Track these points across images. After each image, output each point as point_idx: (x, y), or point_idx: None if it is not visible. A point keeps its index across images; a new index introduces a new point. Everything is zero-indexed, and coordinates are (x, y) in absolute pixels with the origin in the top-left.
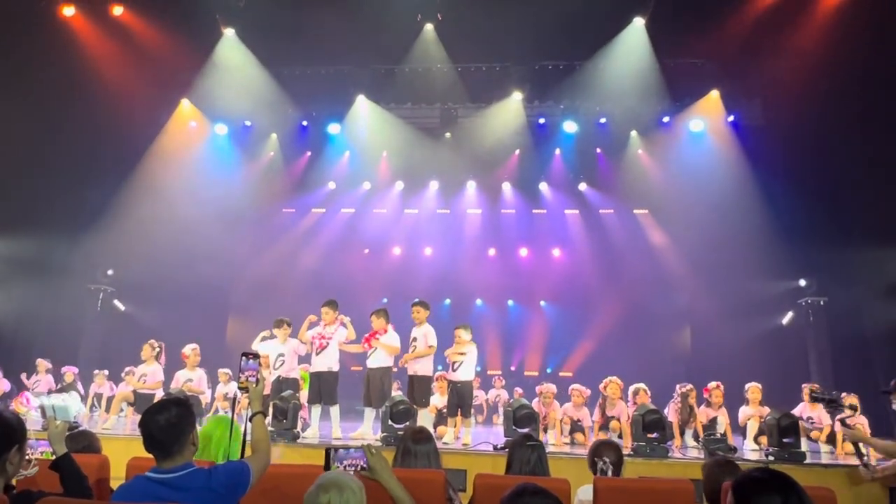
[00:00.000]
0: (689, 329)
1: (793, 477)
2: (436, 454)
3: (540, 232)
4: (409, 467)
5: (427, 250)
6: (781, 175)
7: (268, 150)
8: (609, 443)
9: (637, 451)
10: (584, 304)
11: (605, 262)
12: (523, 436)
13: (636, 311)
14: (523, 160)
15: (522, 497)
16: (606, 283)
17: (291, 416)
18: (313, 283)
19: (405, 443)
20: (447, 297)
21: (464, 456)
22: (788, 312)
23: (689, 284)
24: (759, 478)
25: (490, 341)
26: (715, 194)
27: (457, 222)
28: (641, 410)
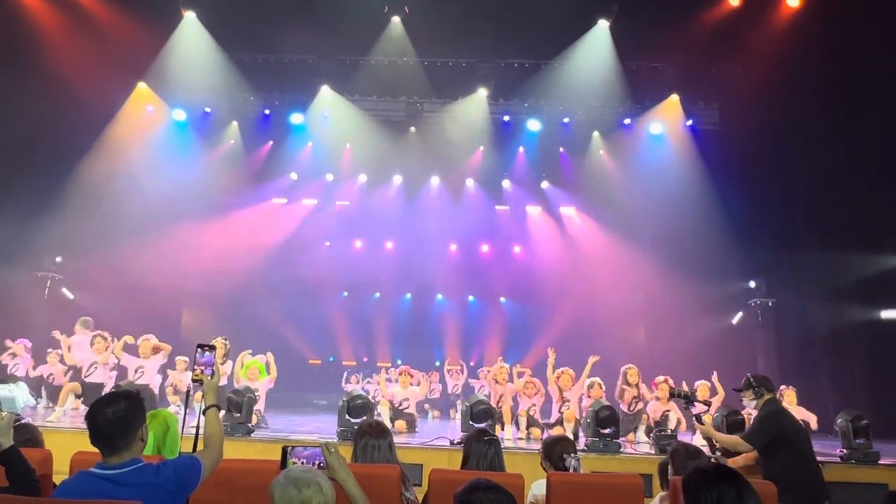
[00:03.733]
0: (643, 327)
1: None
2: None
3: (501, 228)
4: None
5: (389, 244)
6: (735, 179)
7: (228, 138)
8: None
9: (590, 446)
10: (542, 302)
11: (565, 261)
12: (479, 431)
13: (593, 308)
14: (487, 157)
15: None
16: (565, 281)
17: (246, 410)
18: (272, 274)
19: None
20: (408, 291)
21: (420, 451)
22: (738, 312)
23: (644, 284)
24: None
25: (450, 336)
26: (672, 196)
27: (419, 217)
28: (595, 406)
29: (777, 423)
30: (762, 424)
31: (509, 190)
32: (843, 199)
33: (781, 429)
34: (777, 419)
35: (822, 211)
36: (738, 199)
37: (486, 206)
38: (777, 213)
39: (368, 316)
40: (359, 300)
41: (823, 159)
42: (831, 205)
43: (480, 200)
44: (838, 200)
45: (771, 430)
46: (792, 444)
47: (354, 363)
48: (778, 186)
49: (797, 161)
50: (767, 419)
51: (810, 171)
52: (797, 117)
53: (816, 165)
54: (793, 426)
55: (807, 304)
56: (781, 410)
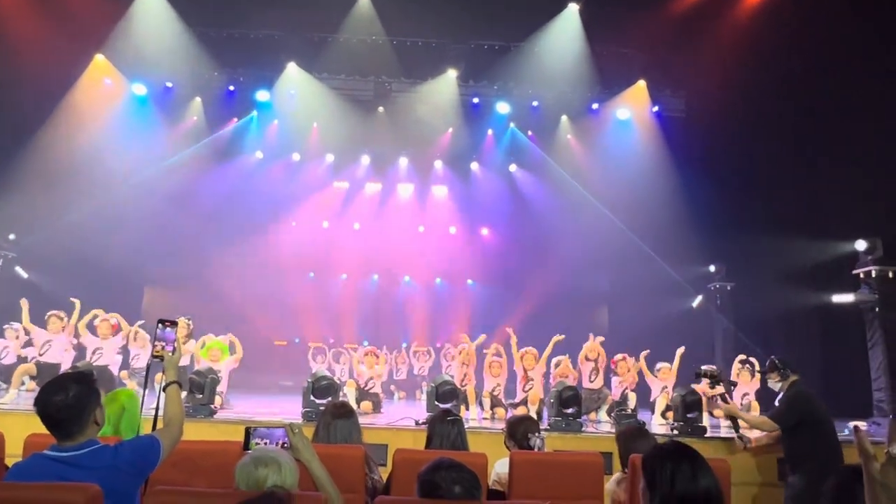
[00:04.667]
0: (606, 309)
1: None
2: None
3: (469, 211)
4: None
5: (356, 225)
6: (698, 166)
7: (190, 114)
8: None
9: (553, 426)
10: (509, 284)
11: (532, 243)
12: (443, 411)
13: (559, 291)
14: (456, 138)
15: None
16: (532, 264)
17: (209, 391)
18: (237, 254)
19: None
20: (375, 273)
21: (386, 431)
22: (698, 296)
23: (609, 266)
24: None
25: (416, 318)
26: (637, 182)
27: (387, 198)
28: (559, 387)
29: (806, 404)
30: (791, 405)
31: (478, 172)
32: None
33: (810, 410)
34: (806, 400)
35: (778, 199)
36: (699, 186)
37: (454, 188)
38: (736, 201)
39: (335, 297)
40: (325, 281)
41: (780, 149)
42: (788, 193)
43: (449, 182)
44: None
45: (800, 410)
46: (819, 424)
47: (321, 344)
48: (738, 174)
49: (756, 150)
50: (796, 400)
51: (768, 161)
52: (758, 107)
53: (774, 155)
54: (820, 408)
55: (763, 288)
56: (809, 392)
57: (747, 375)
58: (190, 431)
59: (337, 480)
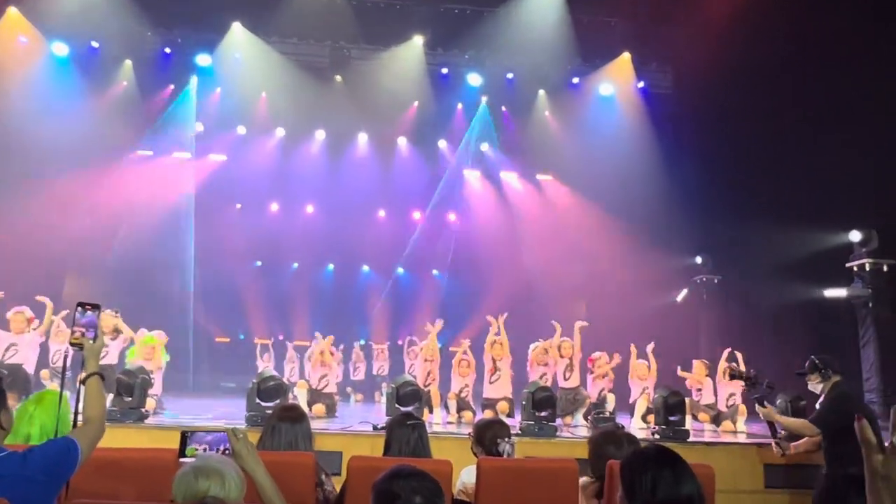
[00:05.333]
0: (584, 303)
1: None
2: (308, 435)
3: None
4: (274, 447)
5: (309, 208)
6: (686, 148)
7: (120, 79)
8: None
9: (525, 430)
10: (479, 274)
11: (504, 231)
12: (403, 414)
13: (533, 282)
14: (422, 113)
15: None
16: (504, 253)
17: (139, 393)
18: (174, 239)
19: (274, 421)
20: (330, 262)
21: (340, 437)
22: (683, 289)
23: (587, 256)
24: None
25: (376, 312)
26: (619, 163)
27: (344, 178)
28: (532, 388)
29: (851, 406)
30: (834, 407)
31: (445, 151)
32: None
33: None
34: (850, 402)
35: (771, 186)
36: (687, 170)
37: (419, 168)
38: (726, 187)
39: (285, 288)
40: (274, 271)
41: (775, 132)
42: (781, 180)
43: (413, 161)
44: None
45: (845, 414)
46: None
47: (268, 341)
48: (728, 158)
49: (748, 133)
50: (840, 402)
51: (761, 144)
52: (752, 86)
53: (767, 138)
54: (866, 411)
55: (752, 281)
56: (852, 393)
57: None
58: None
59: (284, 491)
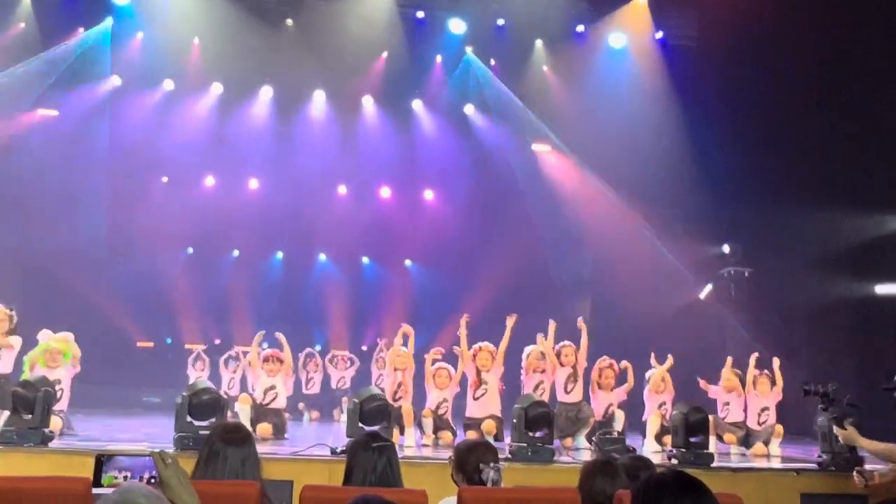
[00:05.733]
0: (589, 301)
1: None
2: (253, 460)
3: (409, 167)
4: (214, 477)
5: (252, 183)
6: (711, 112)
7: (16, 20)
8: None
9: (517, 454)
10: (461, 265)
11: (492, 212)
12: (367, 435)
13: (528, 275)
14: (392, 67)
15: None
16: (493, 239)
17: (42, 409)
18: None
19: (212, 444)
20: (279, 249)
21: (291, 463)
22: (707, 284)
23: (593, 244)
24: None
25: (336, 310)
26: (631, 131)
27: (296, 146)
28: (525, 403)
29: None
30: None
31: (421, 113)
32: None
33: None
34: None
35: (813, 160)
36: (713, 140)
37: (389, 135)
38: (759, 161)
39: (222, 282)
40: (209, 259)
41: (819, 97)
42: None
43: (382, 127)
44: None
45: None
46: None
47: (203, 346)
48: (763, 126)
49: (788, 96)
50: None
51: (802, 110)
52: (792, 38)
53: (810, 103)
54: None
55: (789, 275)
56: None
57: (766, 385)
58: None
59: None
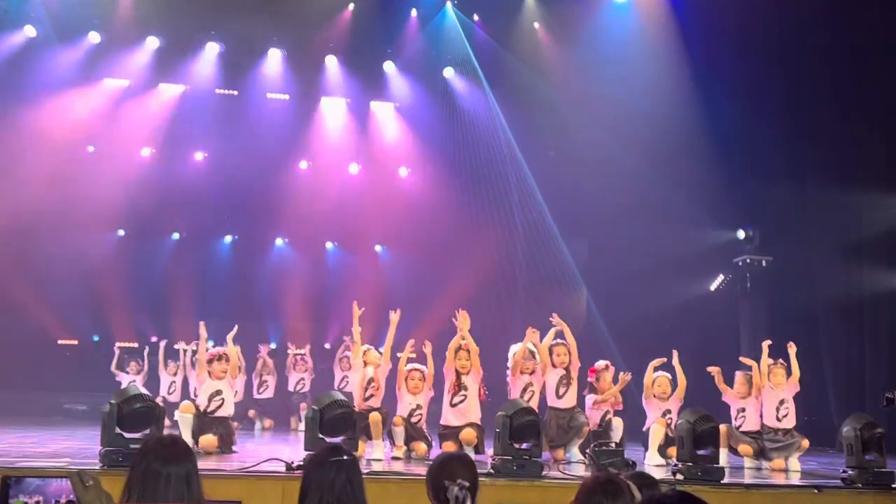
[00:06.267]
0: (584, 292)
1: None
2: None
3: (381, 138)
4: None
5: (197, 155)
6: (727, 78)
7: None
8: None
9: (500, 468)
10: (440, 252)
11: (476, 190)
12: (326, 448)
13: (515, 264)
14: (360, 22)
15: None
16: (476, 221)
17: None
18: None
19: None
20: (228, 232)
21: (239, 481)
22: (719, 275)
23: (589, 229)
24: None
25: (294, 303)
26: (636, 97)
27: (249, 114)
28: (510, 409)
29: None
30: None
31: (394, 77)
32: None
33: None
34: None
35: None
36: (729, 109)
37: (357, 102)
38: (781, 134)
39: (161, 270)
40: (145, 244)
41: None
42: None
43: (349, 92)
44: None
45: None
46: None
47: (136, 345)
48: (785, 95)
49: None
50: None
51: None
52: None
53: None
54: None
55: (813, 264)
56: None
57: (781, 375)
58: None
59: None
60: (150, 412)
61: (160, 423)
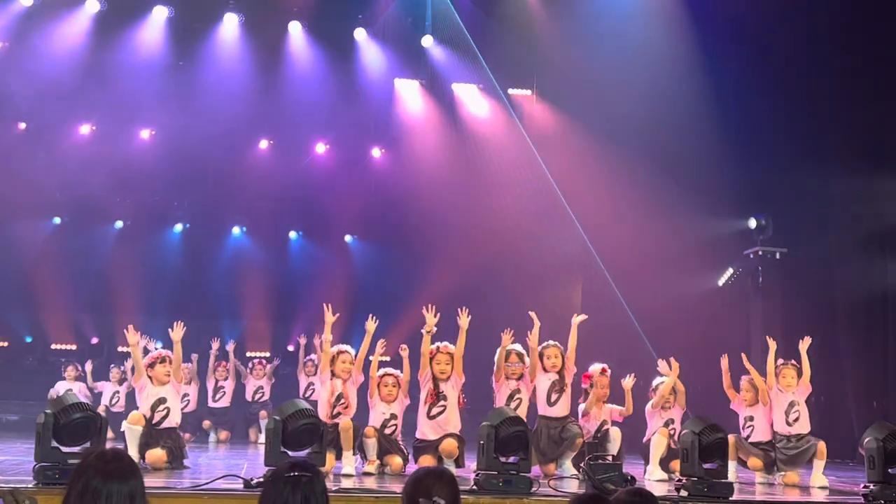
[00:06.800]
0: (580, 287)
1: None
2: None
3: (351, 115)
4: None
5: (143, 133)
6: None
7: None
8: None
9: (484, 484)
10: (417, 242)
11: (458, 174)
12: (289, 464)
13: (502, 255)
14: None
15: None
16: (457, 209)
17: None
18: None
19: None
20: (179, 220)
21: (193, 499)
22: (727, 269)
23: (585, 216)
24: None
25: (254, 300)
26: (637, 75)
27: (202, 87)
28: (495, 419)
29: None
30: None
31: (365, 45)
32: None
33: None
34: None
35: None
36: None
37: (324, 73)
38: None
39: (102, 262)
40: (84, 233)
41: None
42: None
43: (315, 62)
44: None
45: None
46: None
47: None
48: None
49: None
50: None
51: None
52: None
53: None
54: None
55: (832, 257)
56: None
57: (791, 377)
58: None
59: None
60: (90, 423)
61: (102, 436)
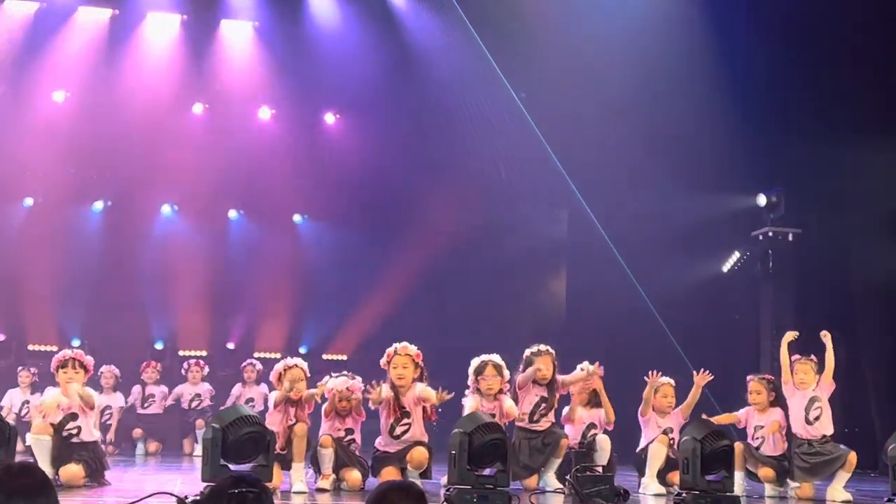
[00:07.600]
0: (564, 274)
1: None
2: None
3: (301, 76)
4: None
5: (57, 96)
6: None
7: None
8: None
9: (456, 499)
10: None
11: (425, 144)
12: (230, 479)
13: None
14: None
15: None
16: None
17: None
18: None
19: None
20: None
21: None
22: (734, 252)
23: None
24: None
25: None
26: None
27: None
28: (468, 425)
29: None
30: None
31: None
32: None
33: None
34: None
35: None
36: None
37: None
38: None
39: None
40: None
41: None
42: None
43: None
44: None
45: None
46: None
47: None
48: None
49: None
50: None
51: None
52: None
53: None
54: None
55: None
56: None
57: (808, 372)
58: None
59: None
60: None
61: (11, 448)
